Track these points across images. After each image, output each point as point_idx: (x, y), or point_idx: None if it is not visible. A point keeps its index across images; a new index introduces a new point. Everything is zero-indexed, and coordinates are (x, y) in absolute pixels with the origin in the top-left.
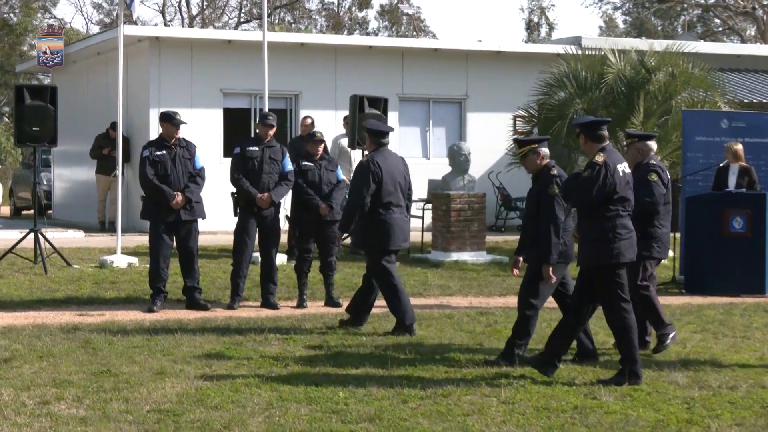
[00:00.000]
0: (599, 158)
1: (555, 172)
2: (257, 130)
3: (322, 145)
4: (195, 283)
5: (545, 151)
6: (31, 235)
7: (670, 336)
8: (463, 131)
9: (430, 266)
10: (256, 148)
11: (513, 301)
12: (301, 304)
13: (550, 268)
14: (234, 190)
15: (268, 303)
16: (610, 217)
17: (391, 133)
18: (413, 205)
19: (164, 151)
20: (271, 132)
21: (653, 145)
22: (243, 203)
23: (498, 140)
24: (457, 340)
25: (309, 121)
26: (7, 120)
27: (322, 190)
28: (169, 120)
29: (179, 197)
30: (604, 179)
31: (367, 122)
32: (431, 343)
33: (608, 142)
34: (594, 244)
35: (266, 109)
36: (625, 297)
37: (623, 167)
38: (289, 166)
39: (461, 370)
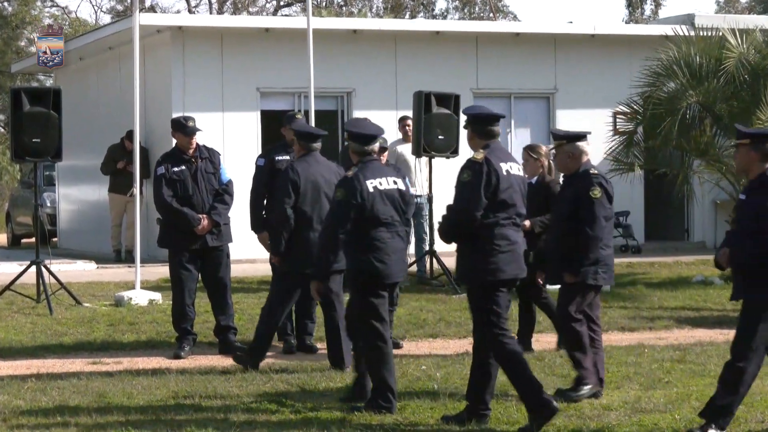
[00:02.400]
0: (478, 156)
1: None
2: (285, 135)
3: (385, 154)
4: (229, 322)
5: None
6: (33, 268)
7: (587, 387)
8: None
9: (515, 297)
10: (287, 157)
11: (616, 337)
12: None
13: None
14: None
15: (303, 345)
16: (488, 225)
17: (462, 137)
18: None
19: (183, 167)
20: None
21: (586, 147)
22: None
23: (594, 143)
24: (549, 387)
25: (409, 121)
26: (2, 130)
27: None
28: (181, 129)
29: (205, 221)
30: (488, 179)
31: (294, 123)
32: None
33: (497, 139)
34: (469, 257)
35: (313, 111)
36: (501, 324)
37: (509, 166)
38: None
39: (554, 423)
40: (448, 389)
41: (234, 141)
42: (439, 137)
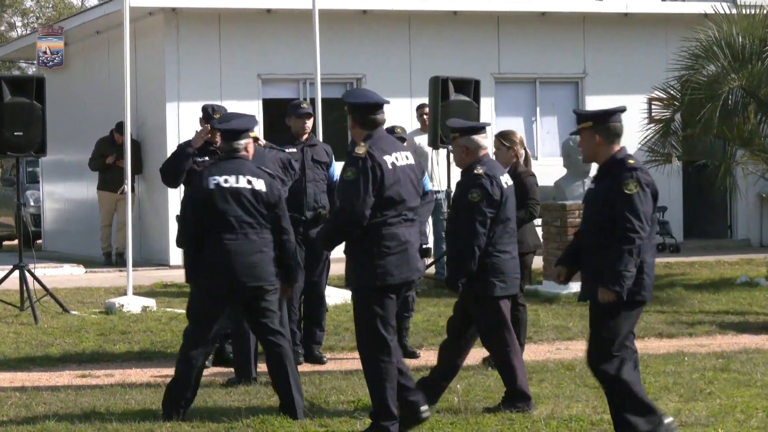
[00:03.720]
0: (360, 150)
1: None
2: (290, 125)
3: (404, 144)
4: (227, 330)
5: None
6: (16, 273)
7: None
8: None
9: (542, 301)
10: (294, 150)
11: (654, 344)
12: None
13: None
14: None
15: (311, 355)
16: (375, 225)
17: (483, 127)
18: None
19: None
20: (309, 125)
21: (482, 140)
22: None
23: (627, 132)
24: (580, 399)
25: (427, 110)
26: None
27: None
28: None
29: None
30: (372, 175)
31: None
32: (546, 403)
33: (382, 128)
34: (356, 260)
35: (319, 99)
36: (384, 333)
37: (395, 158)
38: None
39: None
40: (469, 402)
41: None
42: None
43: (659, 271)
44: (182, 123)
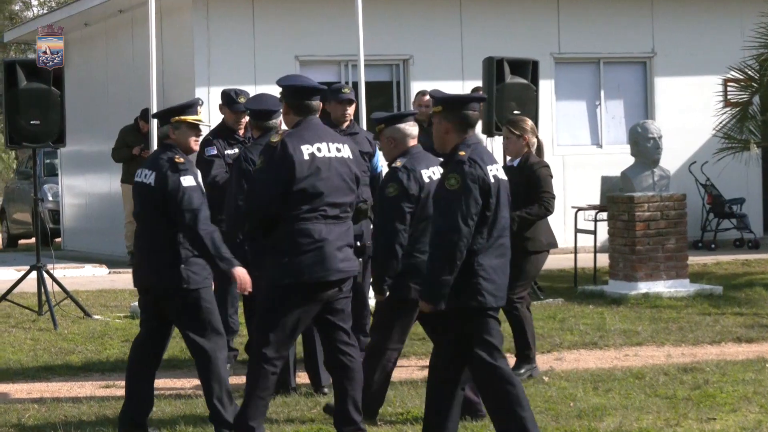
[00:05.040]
0: (275, 138)
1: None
2: (329, 112)
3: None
4: None
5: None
6: (33, 274)
7: None
8: (650, 105)
9: (608, 303)
10: None
11: (731, 350)
12: None
13: None
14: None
15: None
16: (288, 219)
17: (542, 111)
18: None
19: (235, 150)
20: (350, 111)
21: (410, 129)
22: None
23: (701, 116)
24: (651, 410)
25: (427, 98)
26: None
27: None
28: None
29: None
30: (280, 165)
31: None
32: (613, 415)
33: (315, 115)
34: (268, 255)
35: (363, 83)
36: (280, 338)
37: (317, 149)
38: (382, 164)
39: None
40: None
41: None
42: (515, 112)
43: (736, 270)
44: (213, 109)
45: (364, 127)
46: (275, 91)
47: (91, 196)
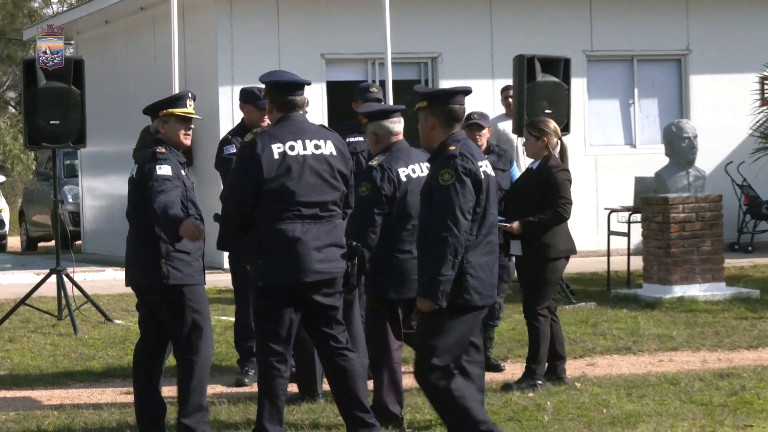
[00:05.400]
0: (248, 137)
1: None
2: (357, 111)
3: (485, 133)
4: None
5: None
6: (53, 278)
7: None
8: (685, 103)
9: (642, 307)
10: (360, 139)
11: None
12: None
13: None
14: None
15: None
16: (262, 220)
17: (574, 110)
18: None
19: None
20: None
21: (393, 125)
22: None
23: (737, 115)
24: (686, 417)
25: None
26: (13, 110)
27: None
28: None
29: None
30: (250, 163)
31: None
32: (647, 422)
33: (298, 111)
34: (249, 257)
35: (390, 82)
36: (272, 343)
37: (289, 147)
38: None
39: None
40: (561, 420)
41: None
42: (546, 111)
43: None
44: (236, 109)
45: None
46: (306, 89)
47: (112, 197)
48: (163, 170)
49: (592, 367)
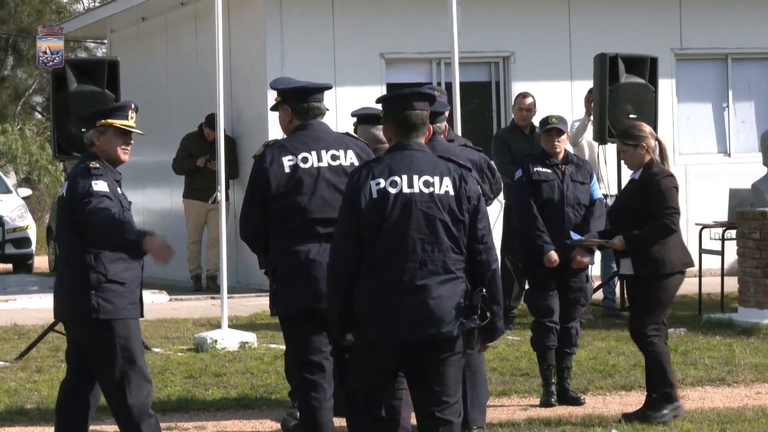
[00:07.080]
0: (259, 150)
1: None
2: None
3: (563, 139)
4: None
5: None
6: None
7: None
8: None
9: (737, 333)
10: None
11: None
12: (548, 400)
13: None
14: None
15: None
16: (275, 239)
17: (661, 114)
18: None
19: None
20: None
21: (379, 132)
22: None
23: None
24: None
25: (530, 100)
26: (40, 116)
27: (566, 215)
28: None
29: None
30: (259, 179)
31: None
32: None
33: (319, 119)
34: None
35: (457, 84)
36: (306, 367)
37: (302, 159)
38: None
39: None
40: None
41: (350, 125)
42: (630, 116)
43: None
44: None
45: (459, 133)
46: (359, 93)
47: (150, 212)
48: (100, 186)
49: (682, 400)
